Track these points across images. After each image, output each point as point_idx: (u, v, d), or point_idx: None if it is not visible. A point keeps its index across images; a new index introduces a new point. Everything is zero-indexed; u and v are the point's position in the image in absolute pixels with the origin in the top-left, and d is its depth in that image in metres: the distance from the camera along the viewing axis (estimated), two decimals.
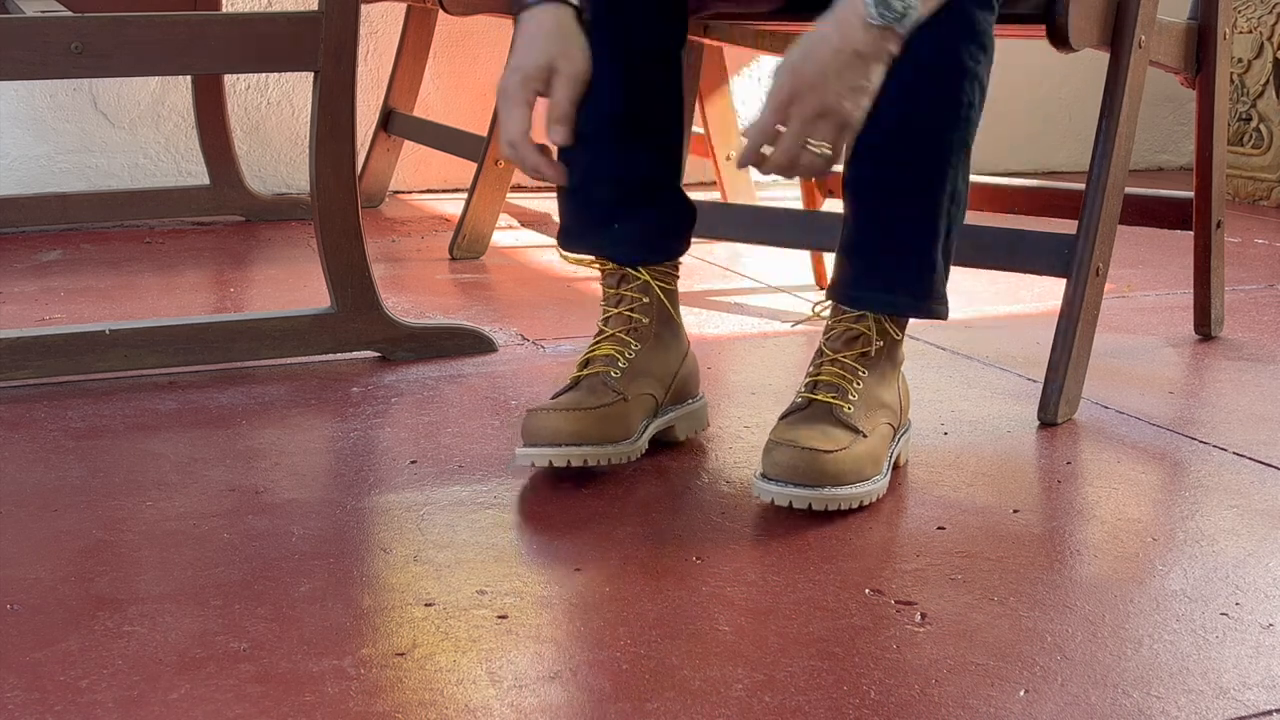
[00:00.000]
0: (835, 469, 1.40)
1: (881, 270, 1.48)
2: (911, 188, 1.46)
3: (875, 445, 1.45)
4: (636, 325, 1.56)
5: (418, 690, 1.05)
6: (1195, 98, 2.03)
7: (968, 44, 1.43)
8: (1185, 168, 3.93)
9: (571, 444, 1.45)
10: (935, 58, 1.42)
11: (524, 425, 1.48)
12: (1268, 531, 1.38)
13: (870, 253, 1.48)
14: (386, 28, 3.25)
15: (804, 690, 1.06)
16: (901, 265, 1.48)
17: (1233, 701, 1.05)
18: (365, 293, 1.92)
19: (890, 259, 1.48)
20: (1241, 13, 3.38)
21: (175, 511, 1.39)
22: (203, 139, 2.94)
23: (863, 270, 1.48)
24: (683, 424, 1.62)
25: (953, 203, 1.47)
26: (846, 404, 1.45)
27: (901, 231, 1.47)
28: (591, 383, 1.52)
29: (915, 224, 1.47)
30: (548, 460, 1.45)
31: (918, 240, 1.47)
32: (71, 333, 1.82)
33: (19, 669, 1.07)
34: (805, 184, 2.33)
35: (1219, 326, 2.12)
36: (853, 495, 1.41)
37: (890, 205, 1.47)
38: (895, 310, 1.49)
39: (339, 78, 1.84)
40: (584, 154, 1.53)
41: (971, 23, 1.43)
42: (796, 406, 1.47)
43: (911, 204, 1.46)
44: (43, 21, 1.73)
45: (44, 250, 2.68)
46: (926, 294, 1.49)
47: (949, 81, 1.43)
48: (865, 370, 1.47)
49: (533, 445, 1.46)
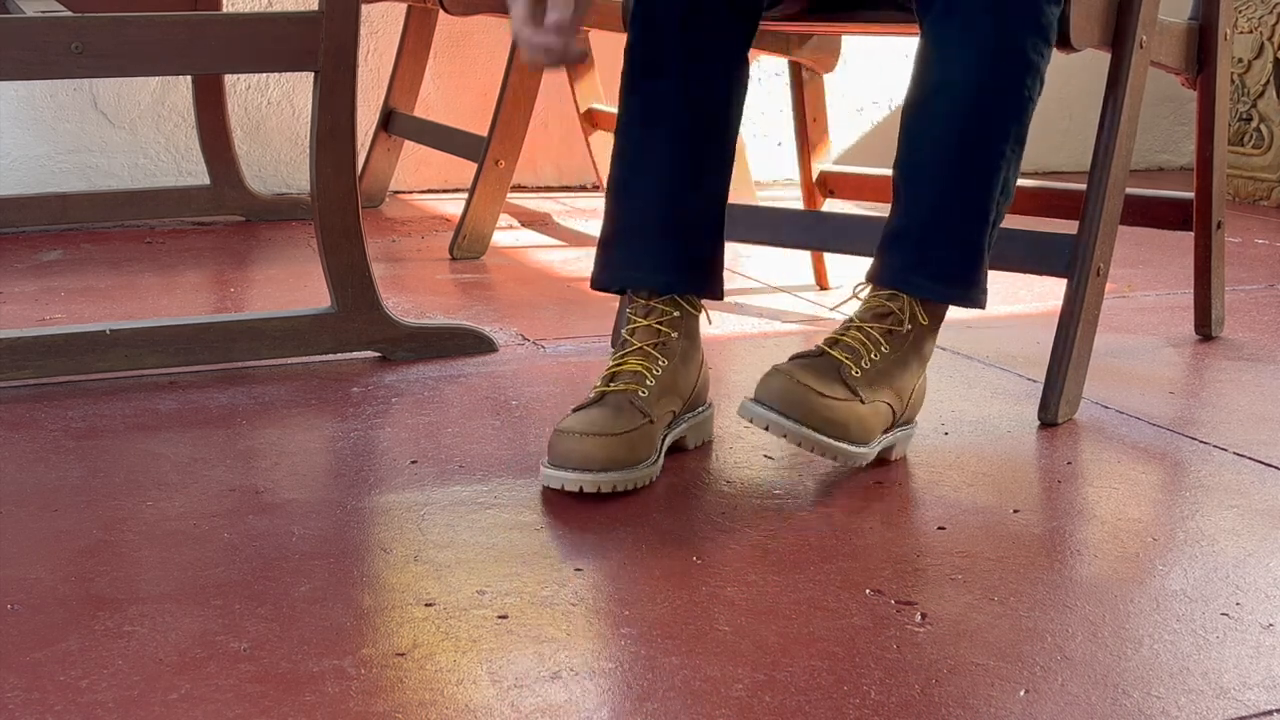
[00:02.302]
0: (825, 414, 1.39)
1: (932, 258, 1.48)
2: (967, 176, 1.46)
3: (868, 415, 1.44)
4: (665, 340, 1.54)
5: (418, 690, 1.05)
6: (1196, 98, 2.03)
7: (1033, 36, 1.43)
8: (1185, 168, 3.93)
9: (601, 470, 1.43)
10: (1001, 46, 1.41)
11: (552, 446, 1.45)
12: (1268, 531, 1.38)
13: (920, 239, 1.48)
14: (386, 28, 3.25)
15: (804, 690, 1.06)
16: (952, 253, 1.48)
17: (1233, 701, 1.05)
18: (365, 293, 1.92)
19: (940, 247, 1.48)
20: (1242, 13, 3.38)
21: (175, 511, 1.39)
22: (203, 139, 2.94)
23: (913, 257, 1.48)
24: (693, 434, 1.61)
25: (1003, 193, 1.48)
26: (856, 367, 1.45)
27: (952, 219, 1.47)
28: (619, 401, 1.49)
29: (967, 212, 1.47)
30: (578, 486, 1.43)
31: (968, 228, 1.47)
32: (72, 333, 1.82)
33: (19, 669, 1.07)
34: (805, 184, 2.33)
35: (1219, 326, 2.12)
36: (832, 446, 1.40)
37: (944, 192, 1.47)
38: (944, 298, 1.49)
39: (339, 78, 1.84)
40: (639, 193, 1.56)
41: (1038, 14, 1.43)
42: (809, 353, 1.46)
43: (965, 192, 1.46)
44: (43, 21, 1.73)
45: (44, 250, 2.68)
46: (974, 282, 1.50)
47: (1013, 72, 1.43)
48: (888, 347, 1.47)
49: (561, 469, 1.44)
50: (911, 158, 1.48)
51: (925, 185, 1.48)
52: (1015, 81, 1.44)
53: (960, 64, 1.41)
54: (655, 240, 1.57)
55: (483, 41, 3.34)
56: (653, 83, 1.57)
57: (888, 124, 3.65)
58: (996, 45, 1.42)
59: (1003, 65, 1.43)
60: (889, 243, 1.50)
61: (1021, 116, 1.46)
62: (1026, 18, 1.43)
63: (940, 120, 1.44)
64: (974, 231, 1.48)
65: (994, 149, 1.46)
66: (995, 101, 1.44)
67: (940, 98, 1.44)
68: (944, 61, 1.45)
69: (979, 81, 1.43)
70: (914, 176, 1.48)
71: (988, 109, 1.44)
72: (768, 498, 1.46)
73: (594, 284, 1.63)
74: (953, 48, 1.44)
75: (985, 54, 1.41)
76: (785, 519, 1.40)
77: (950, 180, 1.47)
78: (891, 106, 3.66)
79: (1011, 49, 1.43)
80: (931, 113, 1.44)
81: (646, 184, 1.57)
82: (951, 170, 1.46)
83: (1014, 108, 1.45)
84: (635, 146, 1.58)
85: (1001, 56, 1.43)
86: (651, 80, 1.57)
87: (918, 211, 1.48)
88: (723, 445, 1.62)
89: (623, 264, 1.59)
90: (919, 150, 1.47)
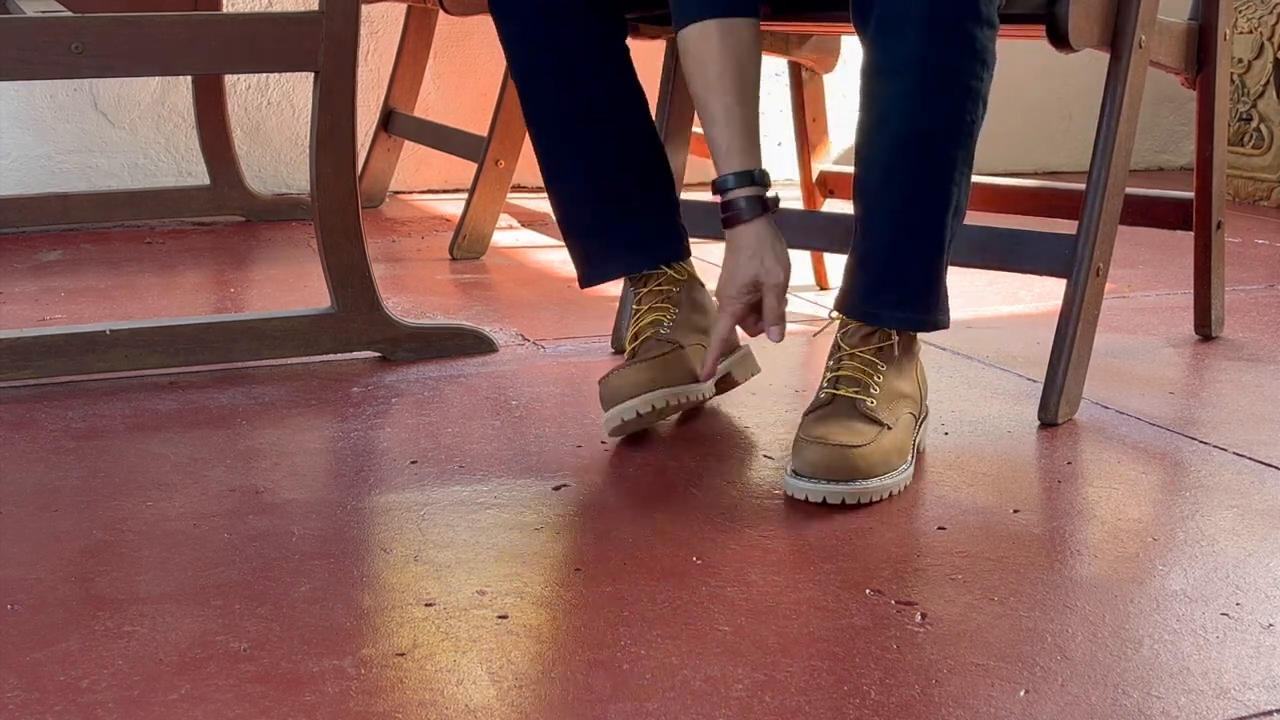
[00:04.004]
0: (865, 463, 1.43)
1: (891, 285, 1.51)
2: (917, 202, 1.49)
3: (900, 436, 1.48)
4: (669, 295, 1.67)
5: (418, 690, 1.05)
6: (1195, 98, 2.02)
7: (970, 63, 1.45)
8: (1185, 168, 3.93)
9: (650, 390, 1.57)
10: (940, 78, 1.44)
11: (602, 392, 1.58)
12: (1268, 531, 1.38)
13: (880, 267, 1.51)
14: (386, 28, 3.25)
15: (804, 690, 1.06)
16: (910, 280, 1.51)
17: (1233, 702, 1.05)
18: (365, 293, 1.92)
19: (898, 274, 1.51)
20: (1242, 13, 3.38)
21: (175, 511, 1.39)
22: (203, 139, 2.94)
23: (874, 285, 1.51)
24: (739, 369, 1.73)
25: (955, 215, 1.50)
26: (869, 398, 1.47)
27: (908, 247, 1.50)
28: (647, 345, 1.63)
29: (921, 238, 1.50)
30: (635, 411, 1.56)
31: (924, 253, 1.50)
32: (72, 333, 1.82)
33: (19, 669, 1.07)
34: (805, 184, 2.33)
35: (1219, 326, 2.12)
36: (883, 487, 1.44)
37: (897, 219, 1.50)
38: (907, 325, 1.52)
39: (339, 78, 1.84)
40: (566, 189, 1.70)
41: (972, 41, 1.44)
42: (820, 402, 1.49)
43: (917, 218, 1.49)
44: (43, 21, 1.73)
45: (44, 250, 2.68)
46: (932, 306, 1.53)
47: (953, 101, 1.45)
48: (884, 364, 1.50)
49: (615, 405, 1.56)
50: (867, 180, 1.50)
51: (881, 217, 1.50)
52: (957, 110, 1.45)
53: (904, 93, 1.43)
54: (606, 230, 1.70)
55: (483, 41, 3.34)
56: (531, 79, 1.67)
57: None
58: (936, 78, 1.44)
59: (944, 96, 1.45)
60: (853, 270, 1.53)
61: (967, 143, 1.48)
62: (963, 47, 1.44)
63: (886, 153, 1.48)
64: (931, 257, 1.51)
65: (942, 179, 1.48)
66: (938, 132, 1.46)
67: (883, 133, 1.47)
68: (885, 94, 1.47)
69: (920, 113, 1.45)
70: (871, 206, 1.51)
71: (931, 140, 1.46)
72: (768, 498, 1.46)
73: (581, 285, 1.75)
74: (892, 80, 1.46)
75: (927, 85, 1.44)
76: (785, 519, 1.40)
77: (903, 215, 1.49)
78: None
79: (952, 79, 1.45)
80: (878, 143, 1.48)
81: (575, 171, 1.69)
82: (904, 205, 1.49)
83: (958, 135, 1.46)
84: (547, 140, 1.68)
85: (943, 88, 1.44)
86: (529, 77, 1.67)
87: (877, 241, 1.51)
88: (723, 445, 1.62)
89: (593, 261, 1.72)
90: (872, 175, 1.50)
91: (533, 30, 1.63)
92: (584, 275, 1.73)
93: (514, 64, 1.67)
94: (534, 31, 1.63)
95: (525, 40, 1.64)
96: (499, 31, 1.66)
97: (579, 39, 1.63)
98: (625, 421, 1.57)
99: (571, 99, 1.64)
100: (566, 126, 1.65)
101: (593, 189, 1.68)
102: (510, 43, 1.65)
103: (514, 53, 1.66)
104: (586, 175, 1.68)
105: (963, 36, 1.43)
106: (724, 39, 1.49)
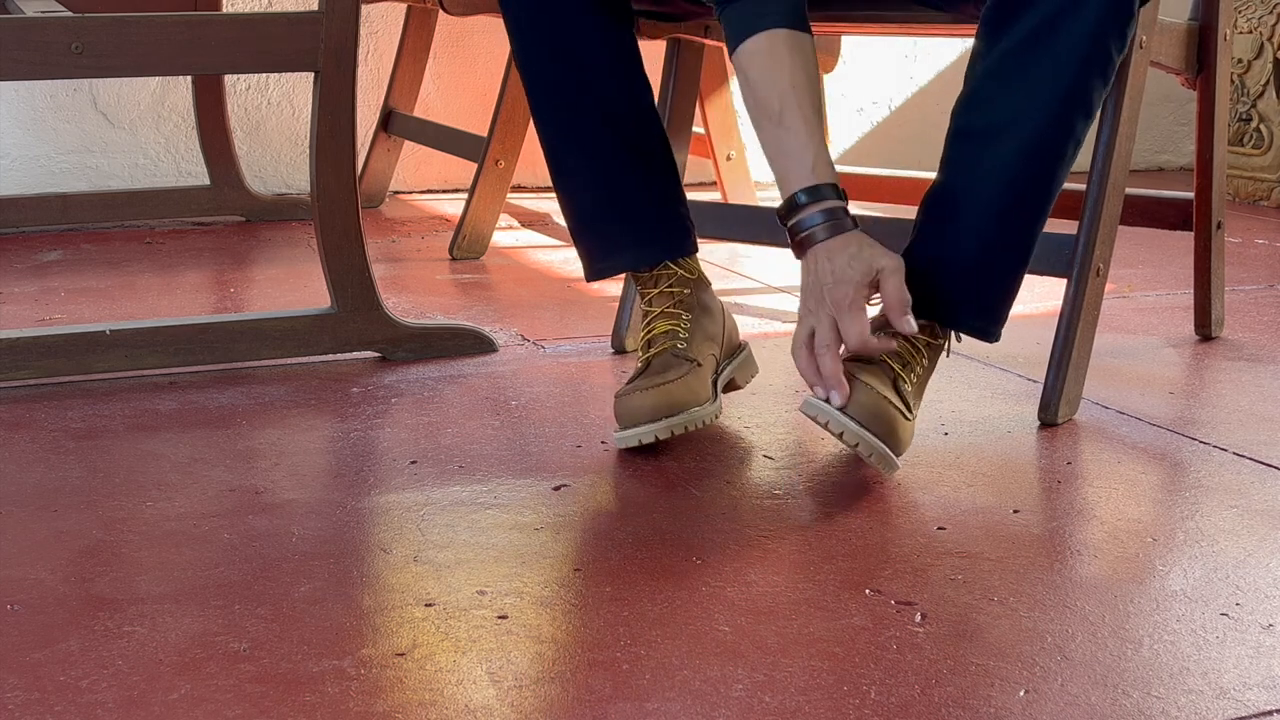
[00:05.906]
0: (901, 434, 1.45)
1: (981, 295, 1.53)
2: (1023, 220, 1.50)
3: (911, 430, 1.49)
4: (680, 298, 1.65)
5: (418, 690, 1.05)
6: (1196, 98, 2.02)
7: (1099, 80, 1.46)
8: (1185, 168, 3.93)
9: (670, 415, 1.55)
10: (1072, 91, 1.44)
11: (619, 410, 1.57)
12: (1268, 531, 1.38)
13: (975, 276, 1.52)
14: (386, 28, 3.25)
15: (804, 690, 1.06)
16: (998, 292, 1.53)
17: (1233, 702, 1.05)
18: (365, 293, 1.92)
19: (989, 285, 1.53)
20: (1242, 13, 3.38)
21: (175, 511, 1.39)
22: (203, 139, 2.94)
23: (962, 293, 1.51)
24: (740, 374, 1.73)
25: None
26: (908, 380, 1.48)
27: (1006, 260, 1.52)
28: (664, 359, 1.60)
29: (1019, 253, 1.52)
30: (653, 436, 1.54)
31: (1016, 268, 1.53)
32: (71, 333, 1.82)
33: (19, 669, 1.07)
34: None
35: (1219, 327, 2.12)
36: (896, 464, 1.46)
37: (1004, 231, 1.50)
38: (981, 333, 1.54)
39: (339, 78, 1.84)
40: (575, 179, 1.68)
41: (1108, 61, 1.46)
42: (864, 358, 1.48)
43: (1020, 235, 1.51)
44: (43, 21, 1.73)
45: (44, 250, 2.68)
46: (1003, 318, 1.55)
47: (1078, 118, 1.47)
48: (927, 359, 1.51)
49: (632, 427, 1.55)
50: (973, 188, 1.49)
51: (984, 220, 1.49)
52: (1080, 127, 1.47)
53: (1033, 104, 1.43)
54: (614, 223, 1.67)
55: (483, 41, 3.34)
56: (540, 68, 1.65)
57: (888, 124, 3.65)
58: (1069, 90, 1.44)
59: (1071, 110, 1.45)
60: (937, 270, 1.50)
61: (1073, 159, 1.50)
62: (1098, 62, 1.44)
63: (1007, 159, 1.46)
64: (1019, 272, 1.53)
65: (1050, 192, 1.50)
66: (1059, 147, 1.47)
67: (1008, 137, 1.46)
68: (1016, 96, 1.46)
69: (1047, 125, 1.45)
70: (970, 208, 1.49)
71: (1052, 155, 1.47)
72: (768, 498, 1.46)
73: (587, 279, 1.73)
74: (1027, 83, 1.45)
75: (1057, 98, 1.44)
76: (785, 519, 1.40)
77: (1008, 223, 1.50)
78: (891, 107, 3.66)
79: (1082, 96, 1.45)
80: (998, 149, 1.46)
81: (581, 165, 1.67)
82: (1011, 213, 1.49)
83: (1072, 152, 1.48)
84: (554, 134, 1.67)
85: (1072, 103, 1.45)
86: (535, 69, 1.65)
87: (969, 245, 1.50)
88: (723, 445, 1.62)
89: (597, 255, 1.70)
90: (982, 183, 1.48)
91: (540, 21, 1.62)
92: (590, 269, 1.71)
93: (520, 56, 1.65)
94: (541, 23, 1.62)
95: (531, 31, 1.63)
96: (506, 23, 1.65)
97: (586, 30, 1.62)
98: (642, 443, 1.56)
99: (578, 91, 1.63)
100: (574, 119, 1.64)
101: (600, 182, 1.67)
102: (516, 34, 1.64)
103: (520, 44, 1.64)
104: (593, 168, 1.66)
105: (1104, 57, 1.44)
106: (793, 50, 1.45)
